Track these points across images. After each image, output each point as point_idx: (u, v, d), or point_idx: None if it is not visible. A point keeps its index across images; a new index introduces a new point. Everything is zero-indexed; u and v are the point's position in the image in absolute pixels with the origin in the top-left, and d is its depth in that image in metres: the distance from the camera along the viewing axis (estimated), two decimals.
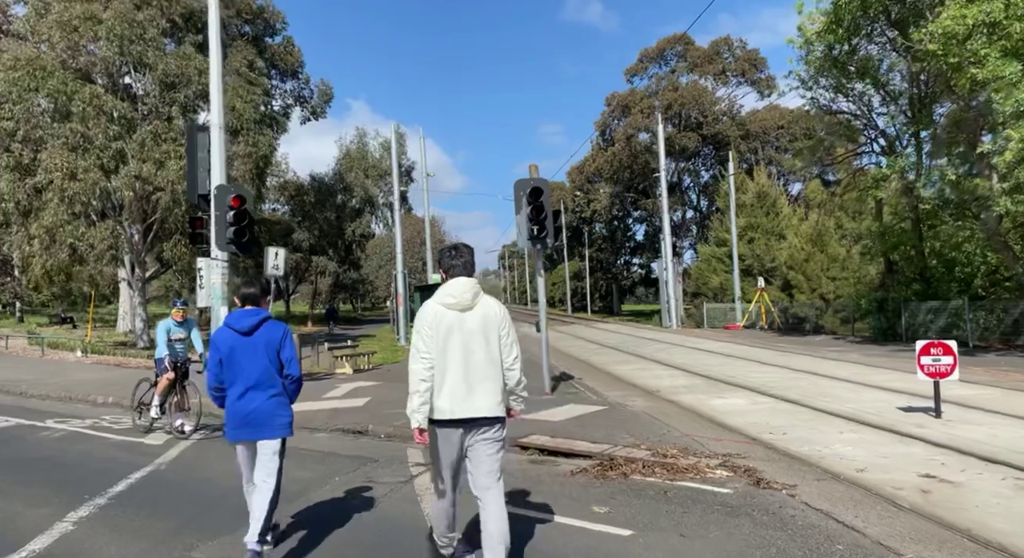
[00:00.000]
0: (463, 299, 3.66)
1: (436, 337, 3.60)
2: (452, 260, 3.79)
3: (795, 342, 21.16)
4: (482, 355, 3.62)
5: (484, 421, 3.59)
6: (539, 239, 10.72)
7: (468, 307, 3.66)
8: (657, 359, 16.58)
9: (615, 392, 11.45)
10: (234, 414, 4.09)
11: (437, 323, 3.62)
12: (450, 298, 3.67)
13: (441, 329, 3.61)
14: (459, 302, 3.65)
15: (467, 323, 3.64)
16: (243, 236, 11.26)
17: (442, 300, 3.69)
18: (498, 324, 3.72)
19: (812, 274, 32.46)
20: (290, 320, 50.58)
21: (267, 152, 24.28)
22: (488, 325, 3.67)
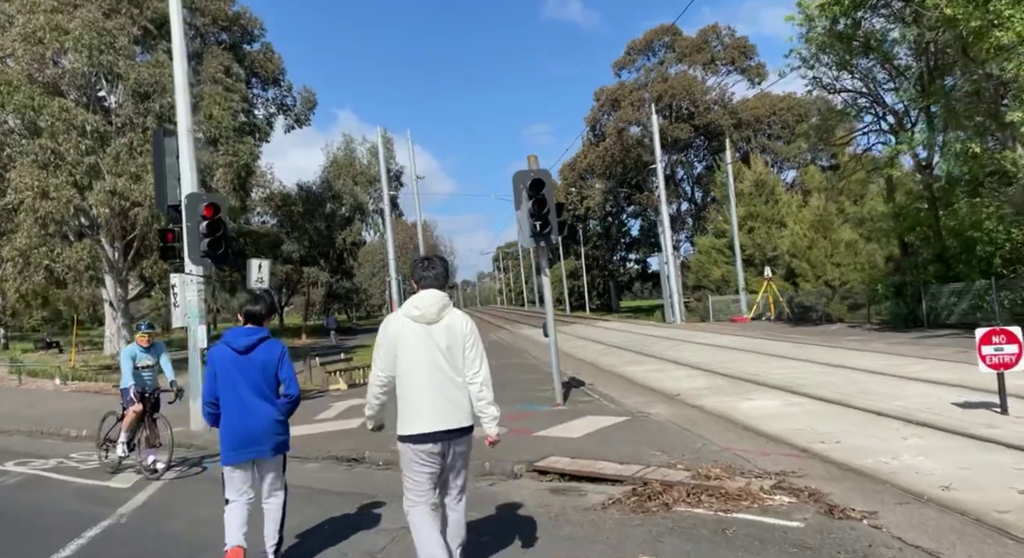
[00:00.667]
0: (429, 312, 3.61)
1: (398, 350, 3.60)
2: (424, 271, 3.74)
3: (809, 333, 20.29)
4: (449, 368, 3.60)
5: (453, 433, 3.57)
6: (542, 235, 9.80)
7: (434, 320, 3.61)
8: (669, 358, 15.68)
9: (633, 399, 10.52)
10: (230, 434, 4.03)
11: (398, 336, 3.61)
12: (415, 310, 3.63)
13: (406, 343, 3.59)
14: (424, 314, 3.61)
15: (433, 336, 3.60)
16: (218, 248, 10.29)
17: (408, 312, 3.65)
18: (463, 337, 3.67)
19: (816, 261, 31.63)
20: (283, 333, 49.58)
21: (248, 160, 23.30)
22: (454, 338, 3.63)
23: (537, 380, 13.60)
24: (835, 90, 19.82)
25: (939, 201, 17.25)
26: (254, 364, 4.06)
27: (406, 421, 3.57)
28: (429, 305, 3.65)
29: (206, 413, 4.18)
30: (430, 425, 3.53)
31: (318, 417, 10.95)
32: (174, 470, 7.75)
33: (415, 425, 3.54)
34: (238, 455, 4.04)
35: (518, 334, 31.52)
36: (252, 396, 4.03)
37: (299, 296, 55.42)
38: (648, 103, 51.03)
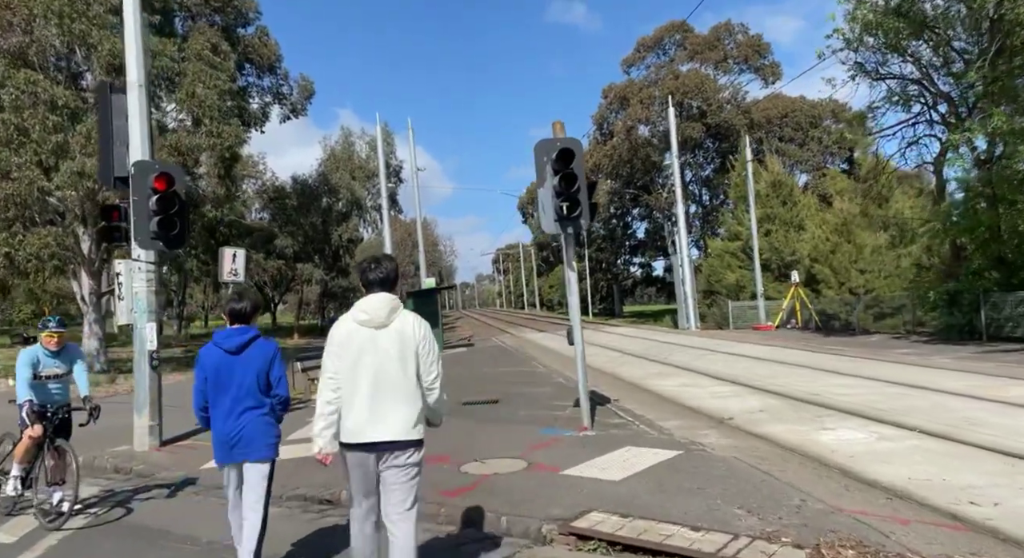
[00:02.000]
0: (377, 316, 3.45)
1: (346, 356, 3.43)
2: (371, 273, 3.55)
3: (848, 344, 18.42)
4: (396, 375, 3.42)
5: (396, 445, 3.38)
6: (570, 220, 7.92)
7: (383, 324, 3.44)
8: (698, 369, 13.80)
9: (674, 421, 8.65)
10: (221, 435, 3.97)
11: (347, 341, 3.44)
12: (363, 314, 3.46)
13: (352, 347, 3.43)
14: (372, 319, 3.44)
15: (381, 341, 3.43)
16: (171, 227, 8.41)
17: (355, 316, 3.48)
18: (416, 342, 3.47)
19: (839, 267, 29.76)
20: (276, 333, 47.65)
21: (234, 143, 21.41)
22: (404, 343, 3.44)
23: (551, 394, 11.74)
24: (879, 76, 18.02)
25: (1000, 199, 15.42)
26: (246, 364, 3.98)
27: (347, 428, 3.41)
28: (377, 309, 3.47)
29: (199, 417, 4.09)
30: (367, 434, 3.36)
31: (292, 435, 9.05)
32: (83, 515, 5.86)
33: (352, 433, 3.38)
34: (229, 456, 3.97)
35: (522, 338, 29.63)
36: (243, 396, 3.96)
37: (293, 294, 53.50)
38: (660, 100, 49.27)
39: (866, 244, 29.93)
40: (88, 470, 8.18)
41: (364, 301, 3.52)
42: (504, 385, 13.24)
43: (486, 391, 12.56)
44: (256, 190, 38.55)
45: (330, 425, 3.41)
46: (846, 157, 57.35)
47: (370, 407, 3.36)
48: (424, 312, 22.01)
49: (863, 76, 17.75)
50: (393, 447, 3.37)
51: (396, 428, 3.37)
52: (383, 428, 3.35)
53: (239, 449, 3.95)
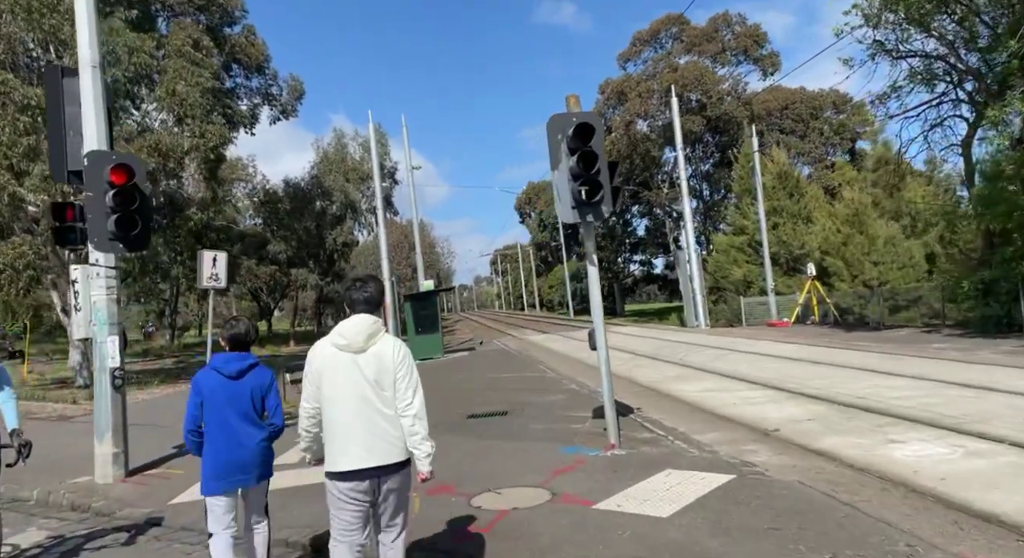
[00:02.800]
0: (355, 340, 3.34)
1: (324, 382, 3.35)
2: (355, 294, 3.45)
3: (874, 339, 17.39)
4: (377, 400, 3.32)
5: (386, 469, 3.31)
6: (590, 206, 6.87)
7: (361, 349, 3.34)
8: (722, 372, 12.74)
9: (711, 434, 7.61)
10: (217, 462, 3.86)
11: (324, 367, 3.36)
12: (341, 339, 3.36)
13: (328, 373, 3.34)
14: (351, 344, 3.34)
15: (360, 366, 3.33)
16: (131, 226, 7.34)
17: (333, 341, 3.38)
18: (394, 367, 3.37)
19: (852, 259, 28.73)
20: (271, 340, 46.56)
21: (218, 143, 20.32)
22: (384, 368, 3.35)
23: (565, 403, 10.68)
24: (901, 54, 16.97)
25: None
26: (244, 390, 3.94)
27: (331, 457, 3.33)
28: (356, 333, 3.35)
29: (189, 442, 3.94)
30: (356, 461, 3.26)
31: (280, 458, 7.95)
32: None
33: (340, 462, 3.29)
34: (225, 484, 3.87)
35: (525, 341, 28.56)
36: (241, 423, 3.90)
37: (289, 301, 52.41)
38: (658, 94, 48.26)
39: (879, 235, 28.91)
40: (43, 508, 7.13)
41: (343, 324, 3.41)
42: (511, 393, 12.17)
43: (493, 401, 11.49)
44: (246, 193, 37.40)
45: (309, 447, 3.56)
46: (848, 148, 56.54)
47: (354, 434, 3.28)
48: (423, 315, 20.80)
49: (883, 54, 16.74)
50: (381, 472, 3.30)
51: (384, 453, 3.29)
52: (370, 455, 3.27)
53: (242, 475, 3.91)
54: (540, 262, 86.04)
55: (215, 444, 3.87)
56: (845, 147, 55.50)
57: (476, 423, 9.50)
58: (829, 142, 55.28)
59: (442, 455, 7.84)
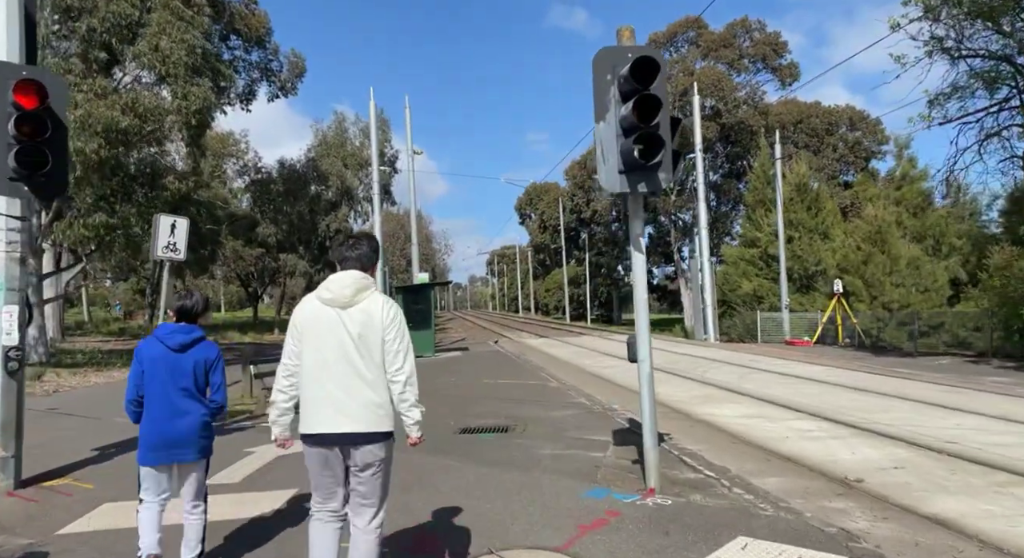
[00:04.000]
0: (341, 294, 3.08)
1: (307, 338, 3.09)
2: (347, 251, 3.21)
3: (915, 366, 15.72)
4: (360, 360, 3.04)
5: (360, 437, 3.00)
6: (645, 170, 5.16)
7: (347, 304, 3.07)
8: (754, 394, 11.05)
9: (775, 480, 5.91)
10: (153, 434, 3.73)
11: (309, 322, 3.10)
12: (327, 293, 3.11)
13: (313, 329, 3.08)
14: (336, 298, 3.08)
15: (345, 322, 3.06)
16: (39, 164, 5.58)
17: (319, 294, 3.14)
18: (383, 326, 3.08)
19: (873, 279, 27.14)
20: (257, 327, 44.66)
21: (202, 107, 18.48)
22: (371, 326, 3.06)
23: (576, 419, 8.99)
24: (960, 54, 15.32)
25: None
26: (188, 363, 3.81)
27: (304, 417, 3.07)
28: (343, 286, 3.09)
29: (129, 411, 3.85)
30: (326, 425, 3.00)
31: (220, 474, 6.23)
32: None
33: (310, 423, 3.04)
34: (159, 457, 3.73)
35: (522, 344, 26.82)
36: (182, 397, 3.77)
37: (276, 287, 50.53)
38: (673, 96, 46.64)
39: (901, 255, 27.34)
40: None
41: (331, 278, 3.16)
42: (512, 404, 10.45)
43: (490, 412, 9.77)
44: (236, 171, 35.57)
45: (285, 413, 3.19)
46: (862, 166, 55.11)
47: (331, 395, 3.02)
48: (416, 310, 18.95)
49: (941, 53, 15.12)
50: (353, 440, 3.00)
51: (361, 419, 3.01)
52: (344, 419, 2.99)
53: (175, 450, 3.74)
54: (537, 264, 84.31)
55: (152, 414, 3.75)
56: (859, 166, 54.08)
57: (470, 441, 7.77)
58: (843, 159, 53.89)
59: (425, 485, 6.15)
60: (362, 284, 3.11)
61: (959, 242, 28.75)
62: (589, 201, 61.32)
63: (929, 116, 14.64)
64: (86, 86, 16.78)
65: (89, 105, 16.54)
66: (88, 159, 16.57)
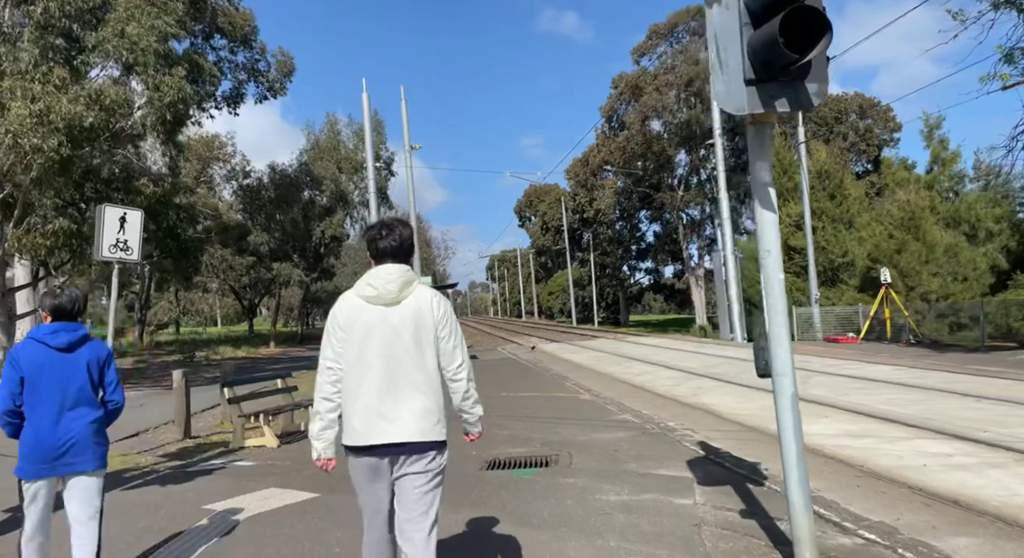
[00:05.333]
0: (386, 290, 2.77)
1: (350, 340, 2.76)
2: (381, 242, 2.84)
3: (992, 362, 13.84)
4: (410, 362, 2.75)
5: (411, 447, 2.71)
6: (784, 78, 3.29)
7: (394, 301, 2.77)
8: (834, 402, 9.19)
9: (963, 540, 4.06)
10: (42, 444, 3.34)
11: (352, 322, 2.78)
12: (370, 289, 2.79)
13: (357, 329, 2.76)
14: (381, 294, 2.77)
15: (392, 321, 2.76)
16: None
17: (361, 291, 2.82)
18: (435, 322, 2.80)
19: (908, 269, 25.29)
20: (249, 341, 42.74)
21: (176, 99, 16.62)
22: (421, 323, 2.78)
23: (630, 444, 7.15)
24: None
25: None
26: (77, 364, 3.48)
27: (348, 426, 2.75)
28: (387, 281, 2.77)
29: (4, 422, 3.43)
30: (377, 435, 2.69)
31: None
32: None
33: (358, 434, 2.71)
34: (44, 468, 3.36)
35: (536, 349, 24.89)
36: (75, 400, 3.44)
37: (271, 298, 48.61)
38: (677, 87, 44.93)
39: (937, 242, 25.50)
40: None
41: (371, 273, 2.84)
42: (544, 425, 8.58)
43: (521, 436, 7.89)
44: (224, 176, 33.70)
45: (329, 425, 2.80)
46: (874, 155, 53.36)
47: (380, 402, 2.71)
48: None
49: (1007, 5, 13.33)
50: (409, 450, 2.72)
51: (412, 427, 2.71)
52: (396, 428, 2.70)
53: (67, 459, 3.39)
54: (539, 268, 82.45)
55: (38, 423, 3.37)
56: (872, 154, 52.33)
57: (503, 482, 5.90)
58: (855, 148, 52.17)
59: None
60: (408, 278, 2.83)
61: (996, 227, 26.91)
62: (592, 200, 59.49)
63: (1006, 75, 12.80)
64: (42, 77, 14.96)
65: (48, 98, 14.68)
66: (48, 158, 14.71)
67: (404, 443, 2.69)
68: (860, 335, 21.11)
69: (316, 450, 2.81)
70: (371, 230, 2.92)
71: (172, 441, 9.14)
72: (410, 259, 2.92)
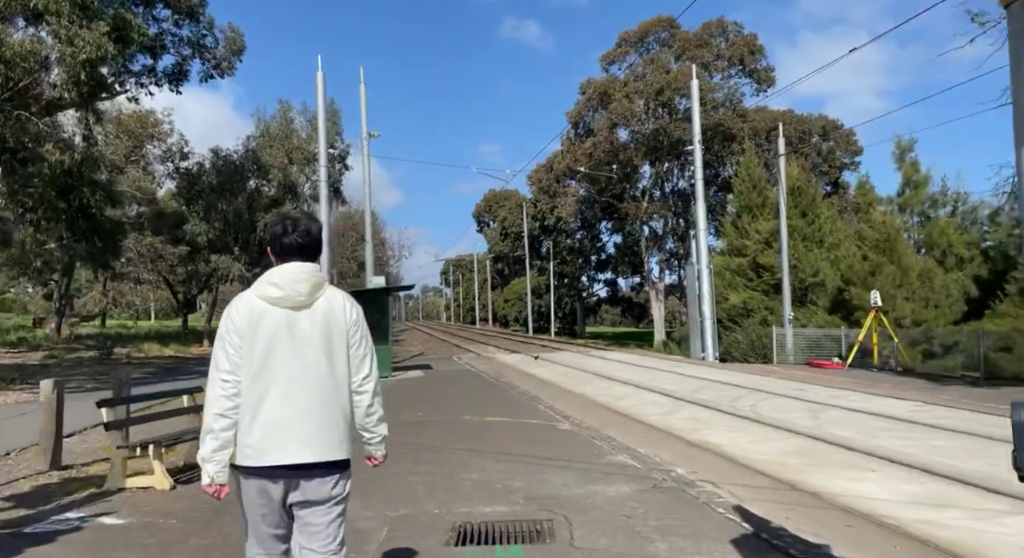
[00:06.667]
0: (295, 292, 2.43)
1: (251, 347, 2.39)
2: (286, 237, 2.48)
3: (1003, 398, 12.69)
4: (320, 372, 2.43)
5: (316, 468, 2.39)
6: None
7: (303, 304, 2.44)
8: (875, 451, 7.62)
9: None
10: None
11: (253, 327, 2.40)
12: (275, 290, 2.43)
13: (260, 336, 2.39)
14: (289, 296, 2.42)
15: (301, 326, 2.44)
16: None
17: (263, 292, 2.44)
18: (347, 328, 2.52)
19: (882, 292, 24.49)
20: (183, 338, 39.65)
21: (94, 56, 14.21)
22: (333, 329, 2.48)
23: (643, 502, 5.41)
24: None
25: None
26: None
27: (245, 445, 2.37)
28: (296, 282, 2.42)
29: None
30: (277, 454, 2.34)
31: None
32: None
33: (254, 453, 2.35)
34: None
35: (494, 360, 23.05)
36: None
37: (208, 292, 45.39)
38: (647, 96, 43.99)
39: (912, 266, 24.81)
40: None
41: (276, 272, 2.45)
42: (522, 466, 6.76)
43: (494, 487, 6.03)
44: (159, 156, 30.79)
45: (224, 445, 2.38)
46: (835, 178, 53.61)
47: (285, 417, 2.37)
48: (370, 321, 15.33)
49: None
50: (312, 473, 2.39)
51: (319, 446, 2.39)
52: (299, 446, 2.36)
53: None
54: (495, 274, 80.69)
55: None
56: (833, 175, 52.53)
57: None
58: (817, 169, 52.25)
59: None
60: (319, 279, 2.49)
61: (968, 253, 26.45)
62: (554, 208, 58.11)
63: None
64: None
65: None
66: None
67: (309, 464, 2.37)
68: (847, 361, 19.96)
69: (207, 474, 2.38)
70: (275, 225, 2.57)
71: (32, 473, 6.96)
72: (318, 258, 2.59)
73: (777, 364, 21.56)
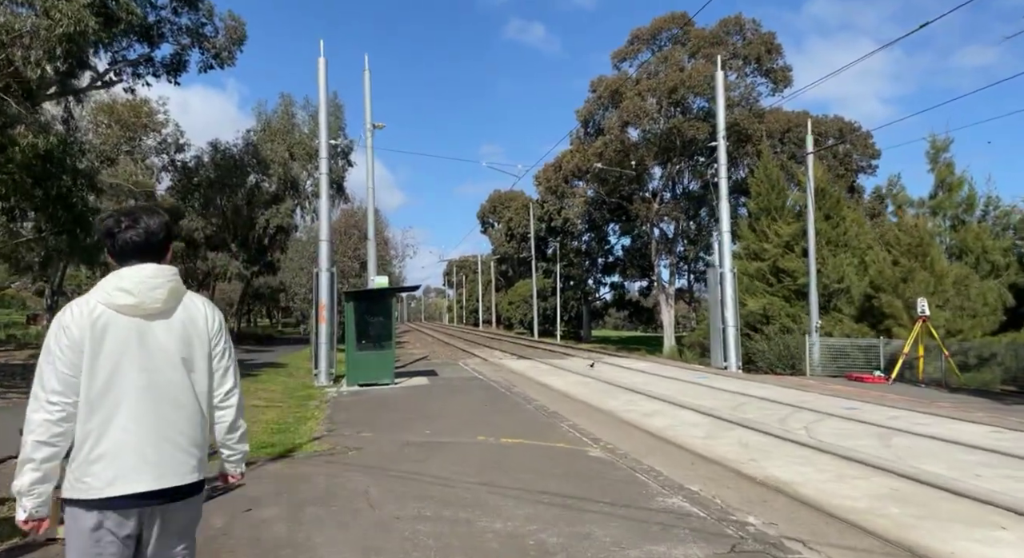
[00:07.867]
0: (151, 298, 2.12)
1: (94, 362, 2.07)
2: (121, 234, 2.15)
3: None
4: (179, 388, 2.17)
5: (175, 493, 2.14)
6: None
7: (158, 312, 2.14)
8: (1009, 504, 6.24)
9: None
10: None
11: (96, 338, 2.07)
12: (125, 296, 2.09)
13: (105, 348, 2.08)
14: (143, 303, 2.11)
15: (156, 337, 2.14)
16: None
17: (109, 299, 2.10)
18: (209, 338, 2.25)
19: (913, 300, 23.11)
20: None
21: (73, 31, 12.91)
22: (194, 340, 2.21)
23: None
24: None
25: None
26: None
27: (85, 473, 2.06)
28: (151, 287, 2.11)
29: None
30: (130, 483, 2.06)
31: None
32: None
33: (99, 483, 2.04)
34: None
35: (501, 367, 21.68)
36: None
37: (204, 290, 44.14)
38: (660, 94, 42.62)
39: (947, 273, 23.41)
40: None
41: (123, 275, 2.11)
42: (556, 511, 5.38)
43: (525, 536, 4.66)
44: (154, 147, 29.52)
45: (47, 477, 2.06)
46: (851, 181, 52.19)
47: (135, 439, 2.09)
48: (372, 322, 12.46)
49: None
50: (165, 500, 2.12)
51: (177, 468, 2.13)
52: (155, 471, 2.09)
53: None
54: (500, 276, 79.30)
55: None
56: (849, 179, 51.10)
57: None
58: (832, 172, 50.88)
59: None
60: (176, 284, 2.18)
61: (1003, 260, 25.06)
62: (561, 209, 56.74)
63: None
64: None
65: None
66: None
67: (167, 489, 2.11)
68: (892, 375, 18.52)
69: (24, 509, 2.07)
70: (107, 220, 2.20)
71: None
72: (163, 259, 2.20)
73: (810, 376, 20.14)
